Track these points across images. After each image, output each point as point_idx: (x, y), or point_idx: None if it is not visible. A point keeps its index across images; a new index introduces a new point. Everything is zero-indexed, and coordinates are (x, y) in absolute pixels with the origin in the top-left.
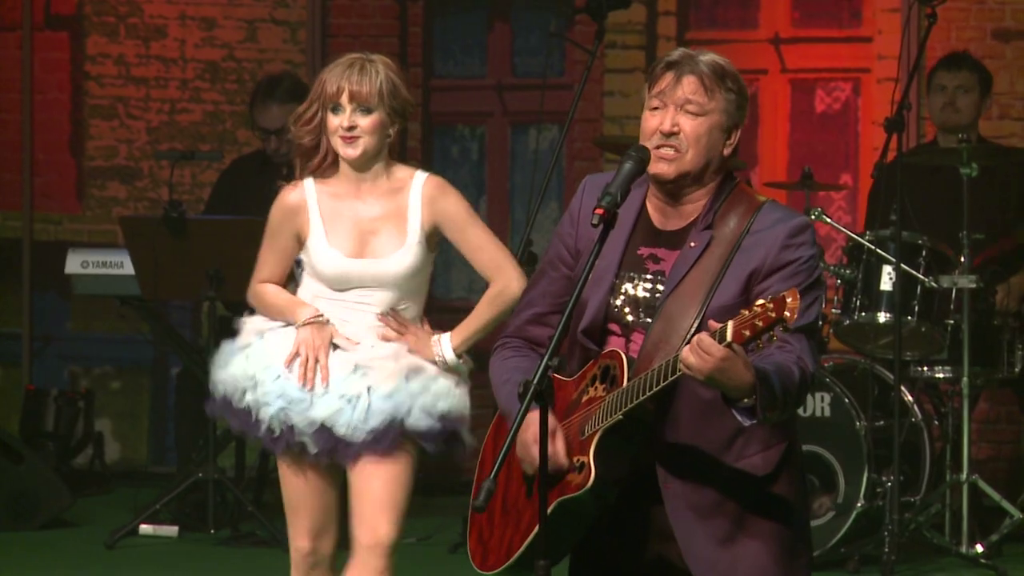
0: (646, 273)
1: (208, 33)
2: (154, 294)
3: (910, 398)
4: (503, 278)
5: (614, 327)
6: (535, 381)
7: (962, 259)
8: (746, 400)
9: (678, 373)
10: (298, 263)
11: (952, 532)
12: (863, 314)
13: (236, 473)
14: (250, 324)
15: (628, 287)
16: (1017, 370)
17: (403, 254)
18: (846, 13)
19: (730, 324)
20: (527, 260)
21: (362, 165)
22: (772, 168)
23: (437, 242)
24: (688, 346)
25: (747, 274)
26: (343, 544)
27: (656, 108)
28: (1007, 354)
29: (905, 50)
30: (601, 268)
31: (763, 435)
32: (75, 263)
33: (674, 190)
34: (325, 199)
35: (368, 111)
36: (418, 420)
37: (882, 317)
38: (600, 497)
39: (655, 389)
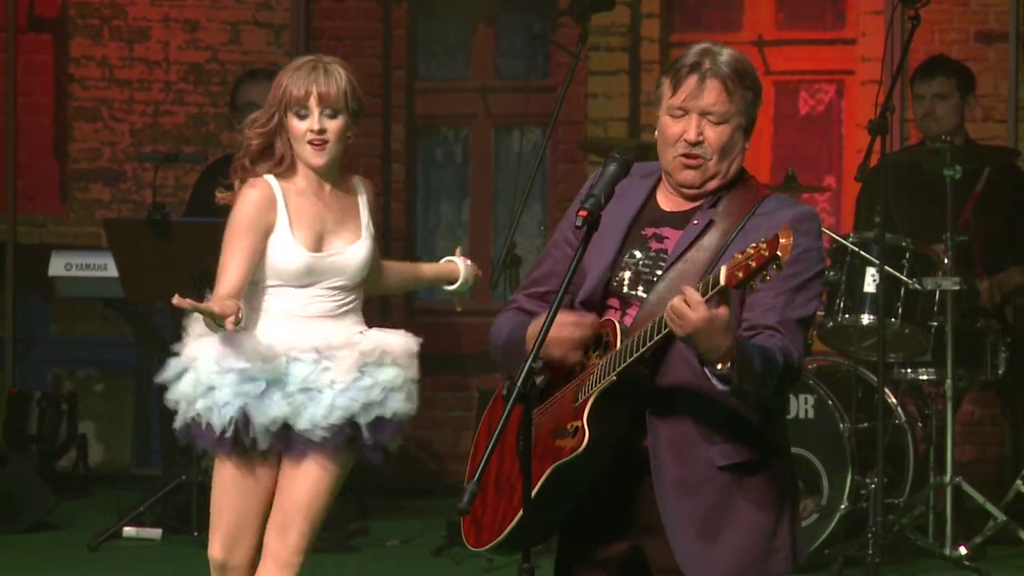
0: (648, 251)
1: (192, 35)
2: (138, 296)
3: (894, 400)
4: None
5: (613, 301)
6: (519, 383)
7: (945, 261)
8: (721, 366)
9: (664, 331)
10: None
11: (936, 534)
12: (847, 316)
13: None
14: (193, 336)
15: (630, 262)
16: (1001, 372)
17: (359, 247)
18: (830, 15)
19: (723, 267)
20: (511, 263)
21: (326, 172)
22: (755, 170)
23: None
24: (675, 298)
25: None
26: None
27: (678, 115)
28: (991, 356)
29: (889, 52)
30: (605, 244)
31: (756, 422)
32: (58, 265)
33: (694, 193)
34: (291, 196)
35: (335, 114)
36: (366, 421)
37: (866, 319)
38: (593, 461)
39: (645, 346)
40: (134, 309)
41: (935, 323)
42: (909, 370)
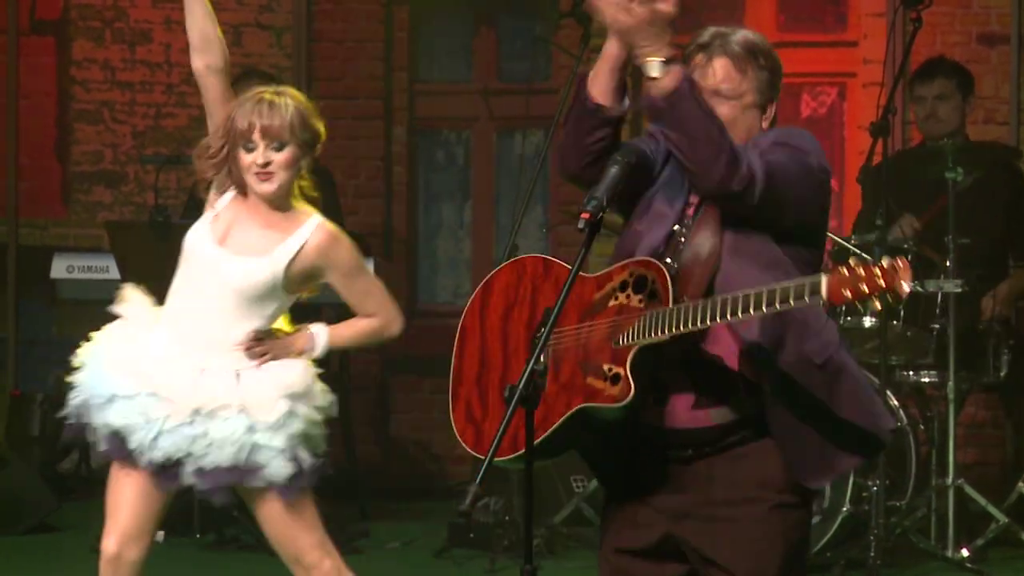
0: (688, 219)
1: None
2: None
3: (896, 402)
4: (385, 317)
5: None
6: (520, 385)
7: (948, 263)
8: (659, 59)
9: (736, 316)
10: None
11: (938, 536)
12: (848, 318)
13: None
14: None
15: (676, 234)
16: (1003, 374)
17: (259, 263)
18: (831, 18)
19: (826, 279)
20: None
21: (274, 200)
22: None
23: (302, 287)
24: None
25: None
26: None
27: None
28: (993, 358)
29: (890, 55)
30: (661, 209)
31: (817, 328)
32: (61, 268)
33: None
34: (232, 204)
35: (281, 147)
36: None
37: (868, 321)
38: (630, 414)
39: (711, 321)
40: None
41: (937, 325)
42: (911, 372)
